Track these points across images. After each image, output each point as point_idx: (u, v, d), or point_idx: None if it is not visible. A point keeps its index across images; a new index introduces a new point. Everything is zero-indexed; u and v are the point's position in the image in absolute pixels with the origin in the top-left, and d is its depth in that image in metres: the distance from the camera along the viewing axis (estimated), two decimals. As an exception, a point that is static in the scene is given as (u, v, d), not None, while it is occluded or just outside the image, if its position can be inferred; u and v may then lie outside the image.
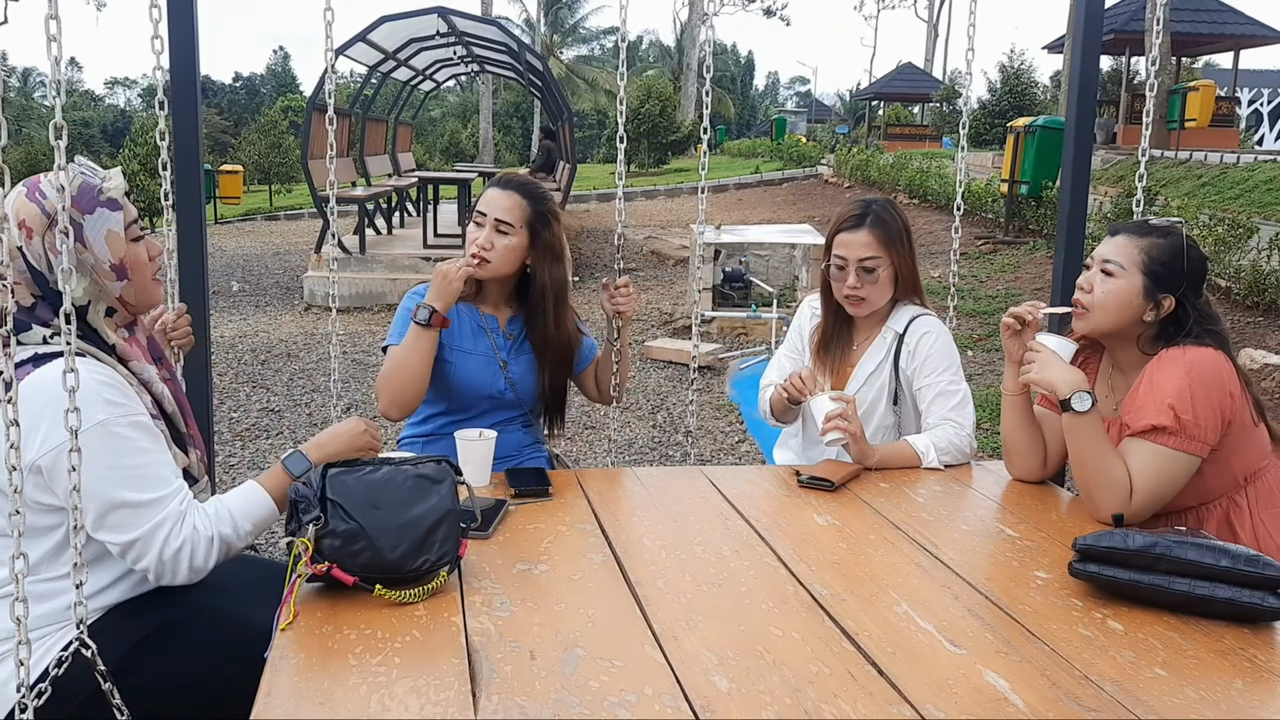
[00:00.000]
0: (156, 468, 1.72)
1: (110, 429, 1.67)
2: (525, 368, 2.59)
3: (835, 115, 53.43)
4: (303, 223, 19.66)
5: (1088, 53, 2.80)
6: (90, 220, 1.76)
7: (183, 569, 1.73)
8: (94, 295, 1.77)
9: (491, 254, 2.45)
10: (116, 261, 1.78)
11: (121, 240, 1.79)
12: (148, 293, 1.86)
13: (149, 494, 1.70)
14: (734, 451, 5.74)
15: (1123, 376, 2.25)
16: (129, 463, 1.69)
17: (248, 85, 71.78)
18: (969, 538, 2.04)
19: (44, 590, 1.71)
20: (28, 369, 1.66)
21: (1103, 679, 1.46)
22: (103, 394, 1.68)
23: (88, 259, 1.75)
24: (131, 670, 1.71)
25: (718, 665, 1.46)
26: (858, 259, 2.55)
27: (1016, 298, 8.99)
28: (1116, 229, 2.20)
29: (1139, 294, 2.13)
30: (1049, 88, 33.98)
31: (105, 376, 1.71)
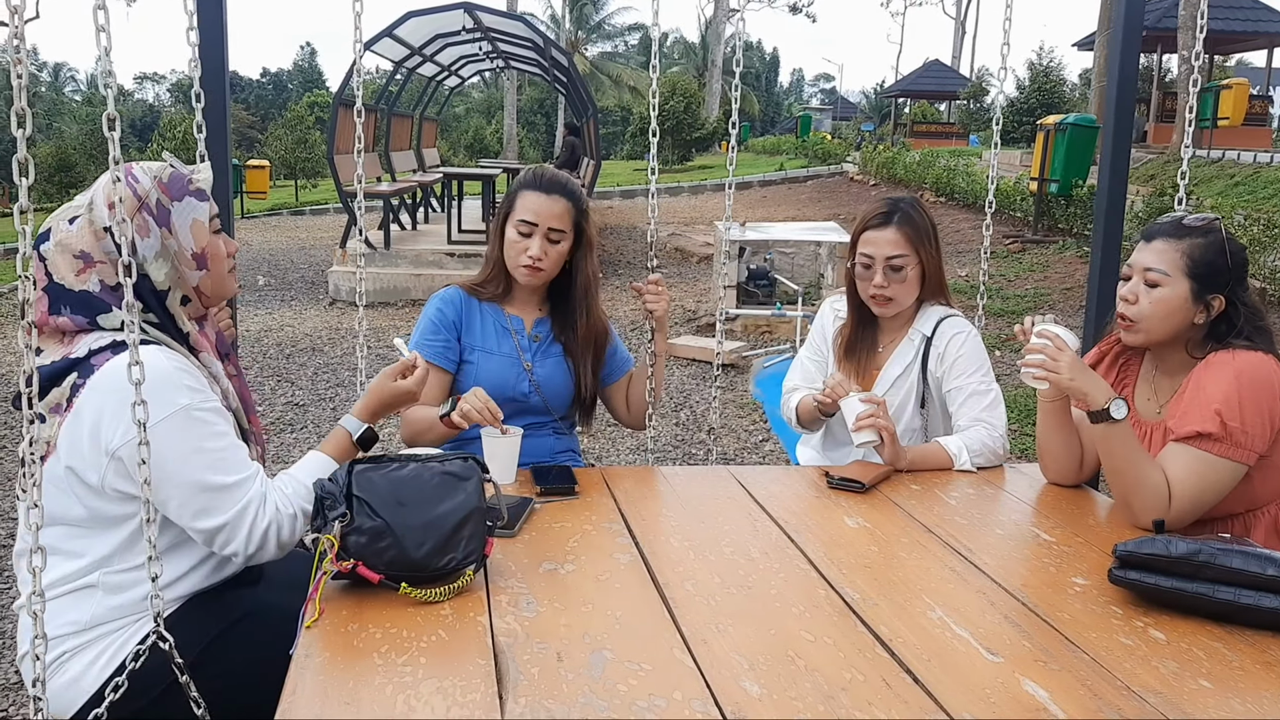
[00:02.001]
0: (236, 450, 1.75)
1: (193, 414, 1.68)
2: (551, 370, 2.53)
3: (860, 113, 53.19)
4: (328, 218, 19.73)
5: (1127, 51, 2.74)
6: (178, 208, 1.78)
7: (270, 547, 1.76)
8: (174, 282, 1.78)
9: (545, 264, 2.44)
10: (199, 250, 1.80)
11: (205, 230, 1.81)
12: (223, 284, 1.88)
13: (233, 476, 1.72)
14: (758, 450, 5.70)
15: (1167, 379, 2.19)
16: (212, 446, 1.70)
17: (275, 81, 72.21)
18: (1004, 542, 1.99)
19: (119, 581, 1.72)
20: (107, 355, 1.67)
21: (1146, 690, 1.42)
22: (183, 380, 1.69)
23: (172, 245, 1.77)
24: (206, 664, 1.73)
25: (748, 670, 1.43)
26: (885, 257, 2.51)
27: (1045, 297, 8.90)
28: (1151, 233, 2.13)
29: (1187, 299, 2.07)
30: (1077, 85, 33.70)
31: (181, 363, 1.73)
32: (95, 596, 1.71)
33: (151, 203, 1.75)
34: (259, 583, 1.90)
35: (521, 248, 2.43)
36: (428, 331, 2.49)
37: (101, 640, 1.72)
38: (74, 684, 1.71)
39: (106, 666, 1.71)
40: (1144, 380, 2.25)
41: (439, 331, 2.49)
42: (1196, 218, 2.11)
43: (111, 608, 1.72)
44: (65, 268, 1.71)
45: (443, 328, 2.49)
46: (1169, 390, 2.17)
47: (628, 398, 2.66)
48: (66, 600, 1.71)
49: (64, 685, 1.71)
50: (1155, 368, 2.23)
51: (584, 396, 2.59)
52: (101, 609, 1.71)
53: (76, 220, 1.73)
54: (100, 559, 1.71)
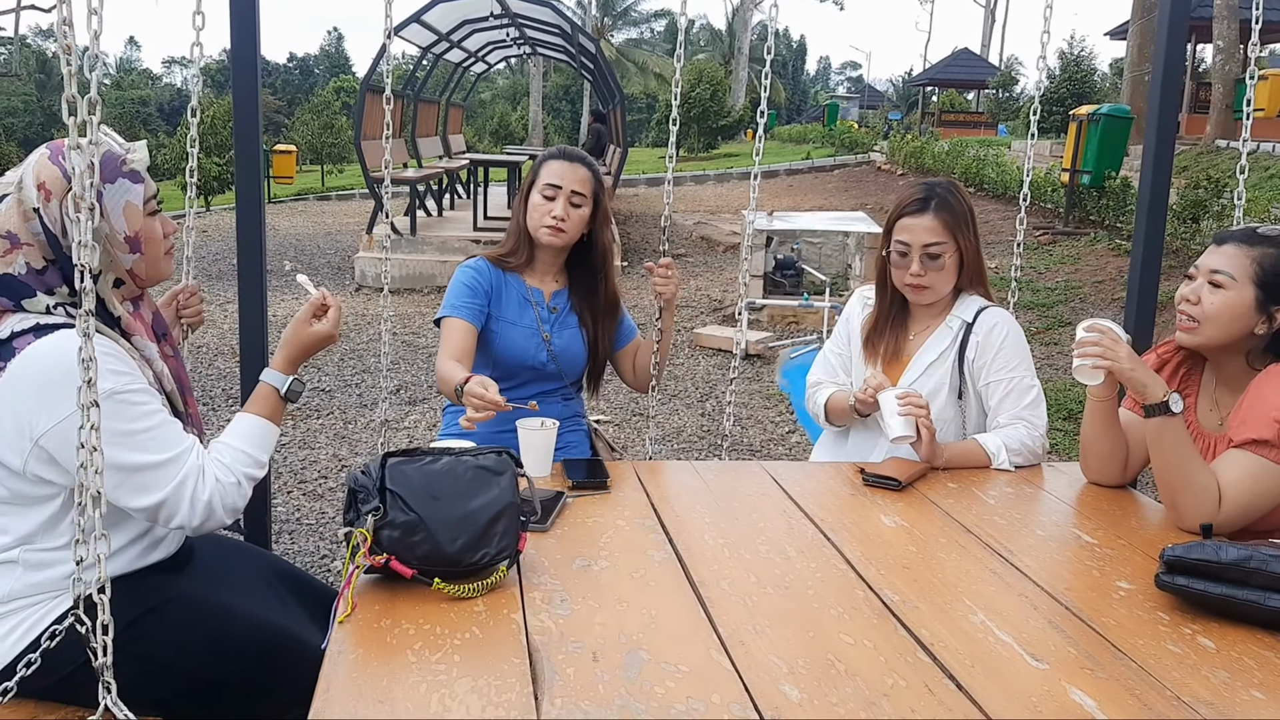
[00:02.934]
0: (168, 426, 1.72)
1: (118, 397, 1.64)
2: (568, 340, 2.66)
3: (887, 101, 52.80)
4: (354, 203, 19.78)
5: (1173, 44, 2.68)
6: (110, 190, 1.72)
7: (219, 514, 1.75)
8: (105, 265, 1.74)
9: (567, 225, 2.56)
10: (131, 234, 1.76)
11: (139, 213, 1.76)
12: (158, 267, 1.84)
13: (165, 453, 1.69)
14: (784, 442, 5.66)
15: (1228, 392, 2.13)
16: (141, 426, 1.67)
17: (301, 66, 72.44)
18: (1045, 544, 1.95)
19: (40, 559, 1.70)
20: (29, 338, 1.63)
21: (1196, 700, 1.38)
22: (108, 364, 1.65)
23: (103, 228, 1.72)
24: (119, 649, 1.65)
25: (787, 674, 1.40)
26: (922, 244, 2.44)
27: (1076, 290, 8.80)
28: (1223, 237, 2.09)
29: (1250, 307, 2.02)
30: (1107, 75, 33.31)
31: (108, 347, 1.68)
32: (15, 572, 1.69)
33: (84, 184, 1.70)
34: (184, 570, 1.87)
35: (546, 209, 2.56)
36: (463, 294, 2.57)
37: (16, 614, 1.69)
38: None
39: (19, 641, 1.68)
40: (1205, 392, 2.19)
41: (475, 295, 2.58)
42: (1271, 228, 2.06)
43: (30, 584, 1.69)
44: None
45: (478, 292, 2.59)
46: (1230, 403, 2.12)
47: (634, 363, 2.78)
48: None
49: None
50: (1216, 379, 2.17)
51: (595, 363, 2.72)
52: (20, 585, 1.69)
53: (5, 200, 1.68)
54: (22, 536, 1.69)
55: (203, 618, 1.82)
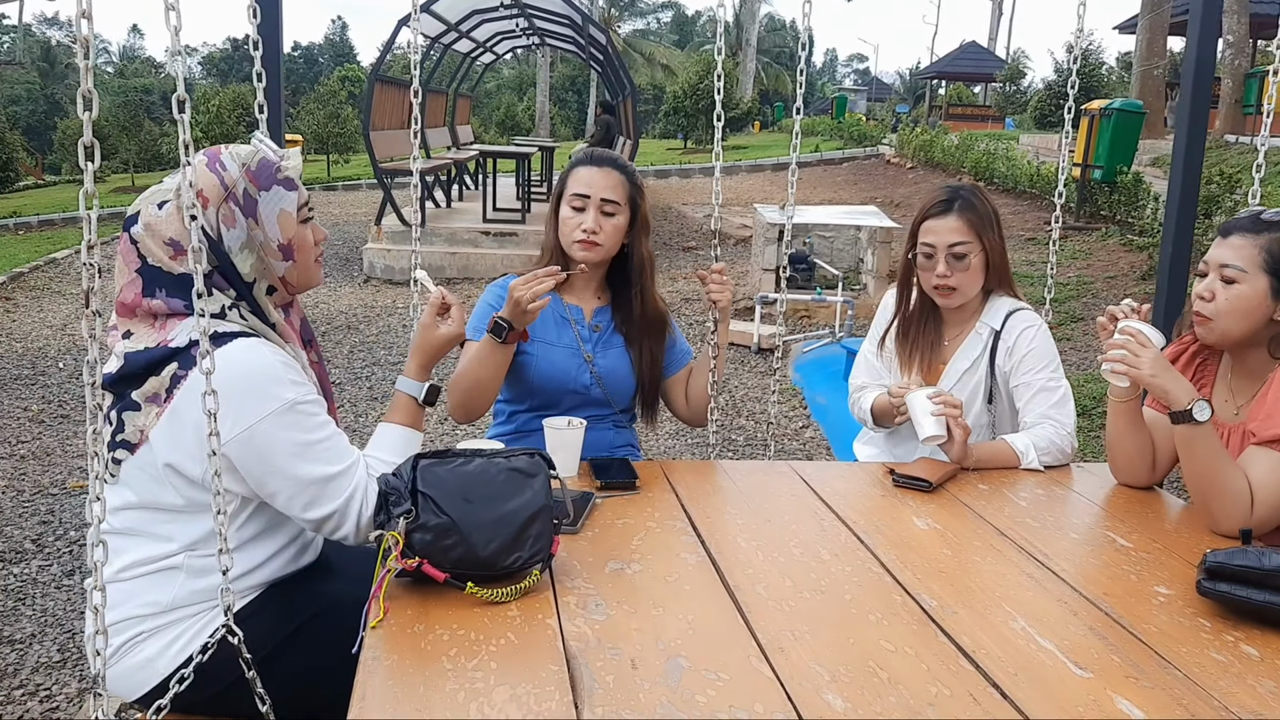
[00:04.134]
0: (339, 438, 1.74)
1: (298, 407, 1.67)
2: (614, 361, 2.45)
3: (895, 94, 52.66)
4: (360, 193, 19.75)
5: (1205, 37, 2.64)
6: (266, 197, 1.74)
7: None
8: (259, 273, 1.76)
9: (601, 238, 2.36)
10: (285, 241, 1.77)
11: (293, 221, 1.78)
12: (309, 274, 1.85)
13: (338, 465, 1.71)
14: (799, 437, 5.64)
15: (1246, 381, 2.11)
16: (318, 437, 1.69)
17: (306, 55, 72.38)
18: (1079, 547, 1.93)
19: (203, 565, 1.70)
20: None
21: (1245, 711, 1.36)
22: (287, 374, 1.67)
23: (258, 235, 1.73)
24: (277, 659, 1.71)
25: (830, 682, 1.38)
26: (947, 245, 2.44)
27: (1088, 285, 8.75)
28: (1229, 228, 2.06)
29: (1265, 296, 2.00)
30: (1114, 69, 33.19)
31: (284, 356, 1.71)
32: (178, 579, 1.70)
33: (239, 192, 1.71)
34: (330, 576, 1.88)
35: (576, 223, 2.36)
36: (486, 317, 2.34)
37: (179, 624, 1.71)
38: (147, 666, 1.70)
39: (181, 652, 1.70)
40: (1221, 381, 2.17)
41: None
42: (1275, 212, 2.03)
43: (193, 591, 1.70)
44: (159, 251, 1.68)
45: None
46: (1248, 392, 2.09)
47: (687, 391, 2.55)
48: (147, 580, 1.70)
49: (136, 666, 1.70)
50: (1233, 368, 2.15)
51: (645, 388, 2.50)
52: (183, 592, 1.70)
53: (165, 205, 1.70)
54: (189, 543, 1.70)
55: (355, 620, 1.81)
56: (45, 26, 57.53)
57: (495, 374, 2.25)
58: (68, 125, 30.57)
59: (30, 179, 26.66)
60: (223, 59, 59.08)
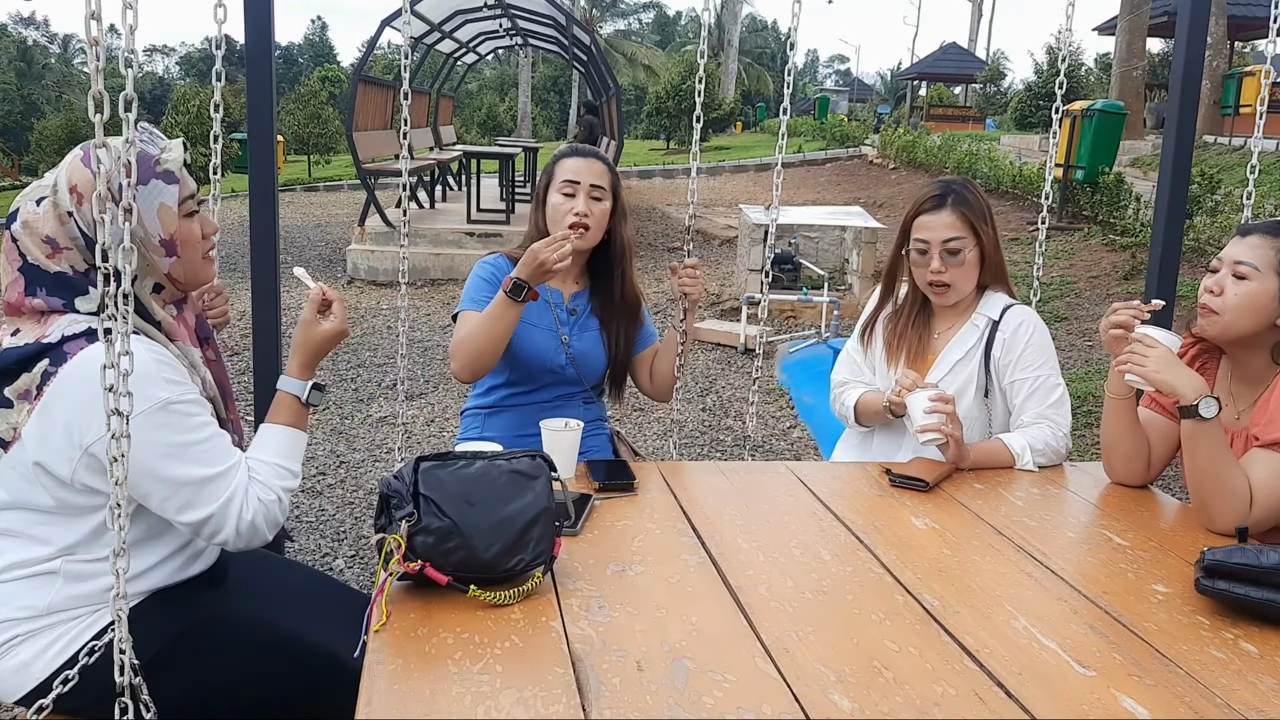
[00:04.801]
0: (219, 440, 1.68)
1: (172, 407, 1.61)
2: (588, 344, 2.58)
3: (876, 95, 52.86)
4: (342, 194, 19.67)
5: (1194, 38, 2.66)
6: (143, 192, 1.67)
7: (261, 532, 1.71)
8: (141, 270, 1.68)
9: (591, 220, 2.48)
10: (166, 237, 1.70)
11: (174, 215, 1.71)
12: (197, 271, 1.78)
13: (216, 467, 1.65)
14: (786, 437, 5.65)
15: (1245, 386, 2.12)
16: (195, 438, 1.64)
17: (285, 55, 71.97)
18: (1077, 546, 1.94)
19: (81, 570, 1.66)
20: (81, 343, 1.59)
21: (1246, 708, 1.37)
22: (162, 372, 1.61)
23: (137, 232, 1.65)
24: (161, 666, 1.66)
25: (835, 683, 1.38)
26: (941, 241, 2.43)
27: (1071, 285, 8.81)
28: (1248, 229, 2.08)
29: (1274, 297, 2.01)
30: (1093, 70, 33.43)
31: (161, 354, 1.65)
32: (55, 584, 1.65)
33: (114, 187, 1.65)
34: (224, 585, 1.83)
35: (568, 207, 2.47)
36: (484, 289, 2.49)
37: (56, 628, 1.66)
38: (23, 669, 1.65)
39: (58, 656, 1.65)
40: (1221, 385, 2.18)
41: (494, 289, 2.45)
42: None
43: (70, 596, 1.65)
44: (36, 250, 1.63)
45: (496, 286, 2.45)
46: (1248, 397, 2.11)
47: (652, 370, 2.69)
48: (24, 584, 1.65)
49: (11, 670, 1.65)
50: (1232, 373, 2.16)
51: (615, 368, 2.64)
52: (60, 597, 1.65)
53: (43, 203, 1.64)
54: (65, 547, 1.65)
55: (248, 637, 1.79)
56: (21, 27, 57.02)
57: (506, 332, 2.35)
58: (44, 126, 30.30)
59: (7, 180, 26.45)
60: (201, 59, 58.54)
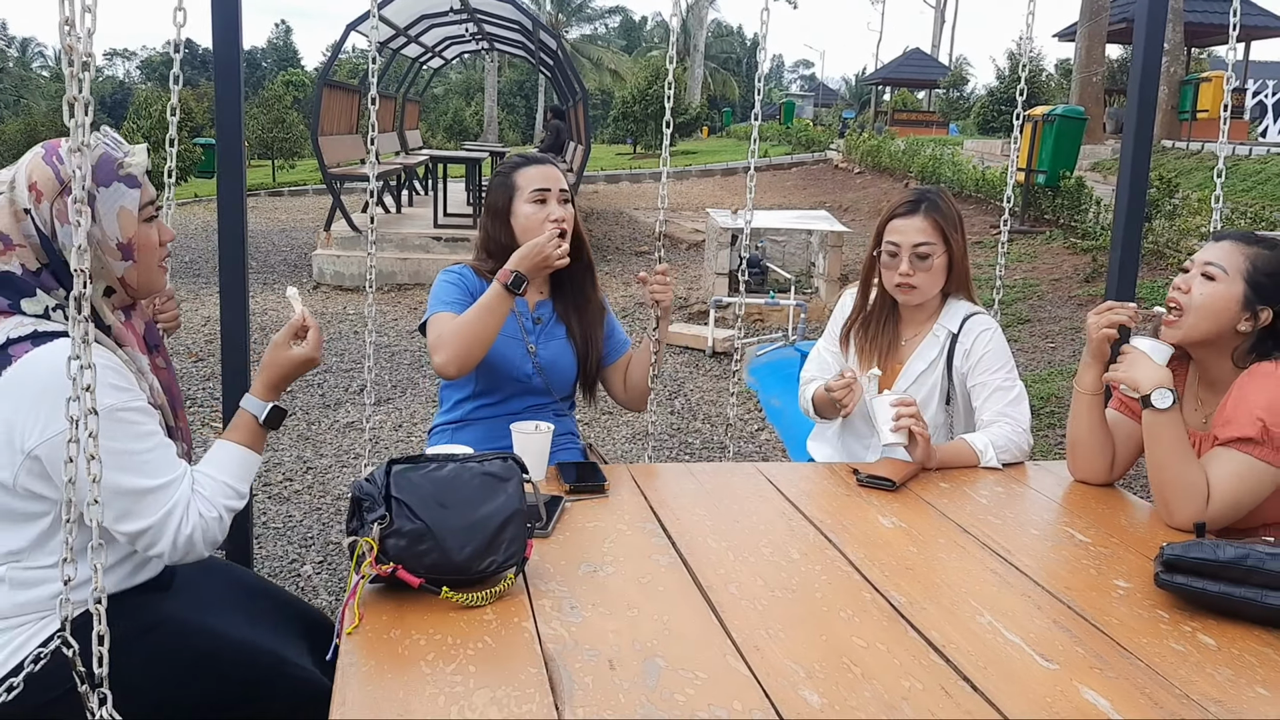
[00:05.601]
0: (163, 450, 1.66)
1: (118, 414, 1.59)
2: (555, 353, 2.54)
3: (841, 100, 53.23)
4: (308, 199, 19.53)
5: (1151, 44, 2.72)
6: (104, 194, 1.66)
7: (198, 548, 1.69)
8: (96, 273, 1.66)
9: (567, 224, 2.45)
10: (125, 240, 1.69)
11: (134, 219, 1.70)
12: (151, 277, 1.77)
13: (158, 479, 1.63)
14: (754, 439, 5.68)
15: (1211, 391, 2.17)
16: (138, 448, 1.62)
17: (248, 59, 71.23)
18: (1040, 543, 1.98)
19: (26, 578, 1.64)
20: (26, 346, 1.57)
21: (1205, 699, 1.40)
22: (108, 378, 1.59)
23: (95, 233, 1.65)
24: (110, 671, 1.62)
25: (805, 679, 1.40)
26: (912, 244, 2.50)
27: (1034, 287, 8.92)
28: (1222, 235, 2.14)
29: (1238, 301, 2.06)
30: (1054, 75, 33.85)
31: (109, 360, 1.63)
32: (0, 590, 1.64)
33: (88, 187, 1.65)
34: (169, 591, 1.81)
35: (543, 214, 2.44)
36: (453, 293, 2.44)
37: (2, 635, 1.64)
38: None
39: (4, 664, 1.63)
40: (1189, 391, 2.23)
41: (465, 294, 2.44)
42: (1270, 234, 2.11)
43: (16, 604, 1.64)
44: None
45: (465, 290, 2.45)
46: (1214, 402, 2.15)
47: (625, 379, 2.66)
48: None
49: None
50: (1200, 378, 2.21)
51: (586, 373, 2.61)
52: (5, 604, 1.64)
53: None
54: (8, 554, 1.63)
55: (189, 641, 1.77)
56: (-22, 29, 56.19)
57: (498, 324, 2.32)
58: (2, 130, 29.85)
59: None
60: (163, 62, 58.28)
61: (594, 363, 2.61)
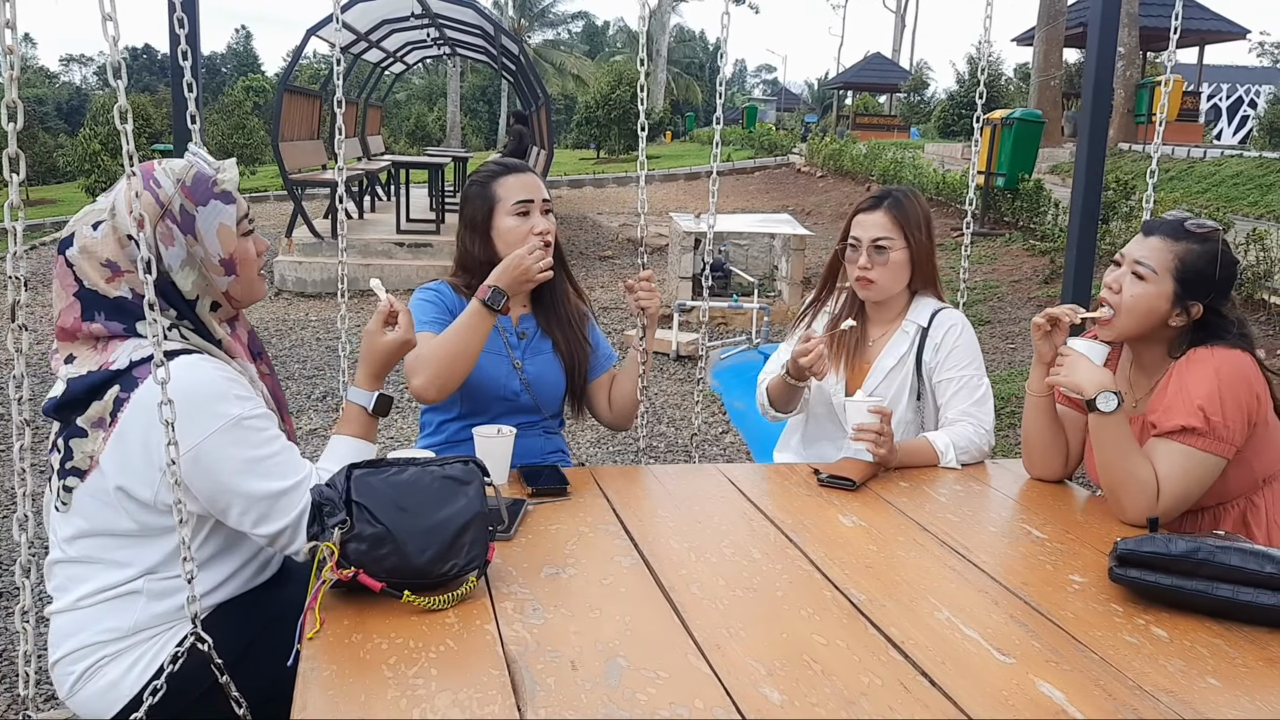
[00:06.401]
0: (289, 453, 1.72)
1: (245, 423, 1.65)
2: (543, 367, 2.47)
3: (803, 104, 53.56)
4: (268, 205, 19.34)
5: (1104, 49, 2.76)
6: (204, 212, 1.71)
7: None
8: (201, 289, 1.73)
9: (551, 236, 2.38)
10: (226, 256, 1.74)
11: (233, 235, 1.75)
12: (253, 288, 1.83)
13: (289, 480, 1.69)
14: (719, 442, 5.70)
15: (1143, 374, 2.22)
16: (267, 453, 1.68)
17: (208, 64, 70.61)
18: (997, 540, 2.00)
19: (163, 588, 1.69)
20: (149, 367, 1.59)
21: (1157, 690, 1.43)
22: (232, 389, 1.65)
23: (198, 252, 1.70)
24: (244, 664, 1.69)
25: (766, 676, 1.42)
26: (871, 238, 2.53)
27: (995, 289, 9.03)
28: (1151, 228, 2.15)
29: (1168, 300, 2.09)
30: (1012, 79, 34.29)
31: (228, 372, 1.68)
32: (139, 603, 1.68)
33: (175, 209, 1.68)
34: (287, 583, 1.87)
35: (528, 228, 2.35)
36: (430, 310, 2.35)
37: (141, 645, 1.69)
38: (112, 688, 1.68)
39: (145, 670, 1.68)
40: (1121, 374, 2.27)
41: (442, 312, 2.35)
42: (1198, 224, 2.12)
43: (154, 614, 1.69)
44: (95, 274, 1.65)
45: (443, 309, 2.36)
46: (1145, 386, 2.20)
47: (611, 395, 2.57)
48: (106, 607, 1.68)
49: (101, 690, 1.68)
50: (1132, 363, 2.25)
51: (574, 385, 2.52)
52: (144, 615, 1.68)
53: (100, 226, 1.66)
54: (147, 568, 1.68)
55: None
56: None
57: (479, 344, 2.23)
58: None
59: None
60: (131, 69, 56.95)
61: (582, 375, 2.52)
